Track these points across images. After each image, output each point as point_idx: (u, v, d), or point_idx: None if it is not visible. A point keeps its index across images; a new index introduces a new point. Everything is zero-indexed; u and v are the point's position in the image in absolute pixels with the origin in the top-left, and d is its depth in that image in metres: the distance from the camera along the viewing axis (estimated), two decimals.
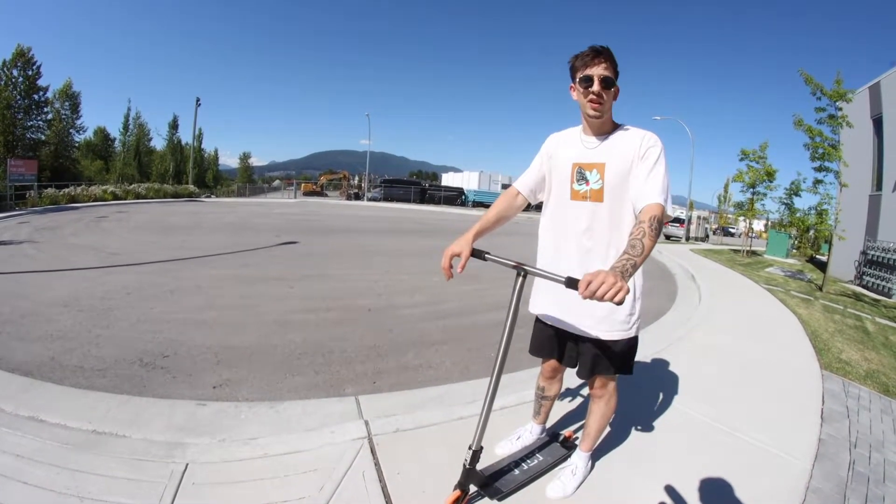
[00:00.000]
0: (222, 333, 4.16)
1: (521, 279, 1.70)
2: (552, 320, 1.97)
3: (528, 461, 2.21)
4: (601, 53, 1.70)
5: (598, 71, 1.69)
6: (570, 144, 1.88)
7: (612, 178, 1.75)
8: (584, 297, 1.29)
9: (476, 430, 1.82)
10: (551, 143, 1.97)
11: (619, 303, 1.26)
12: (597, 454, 2.34)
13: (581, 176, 1.82)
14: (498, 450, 2.31)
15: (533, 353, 2.12)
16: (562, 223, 1.91)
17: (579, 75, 1.73)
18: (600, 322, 1.83)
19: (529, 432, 2.39)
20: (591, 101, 1.72)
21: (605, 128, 1.80)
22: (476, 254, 1.79)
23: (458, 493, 1.87)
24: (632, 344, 1.91)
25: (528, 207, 2.16)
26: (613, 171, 1.74)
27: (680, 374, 3.62)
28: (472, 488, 1.95)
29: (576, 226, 1.84)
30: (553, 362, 2.11)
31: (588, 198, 1.81)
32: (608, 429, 2.64)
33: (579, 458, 2.13)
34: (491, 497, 1.96)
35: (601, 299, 1.26)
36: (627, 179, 1.73)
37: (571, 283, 1.44)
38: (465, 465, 1.85)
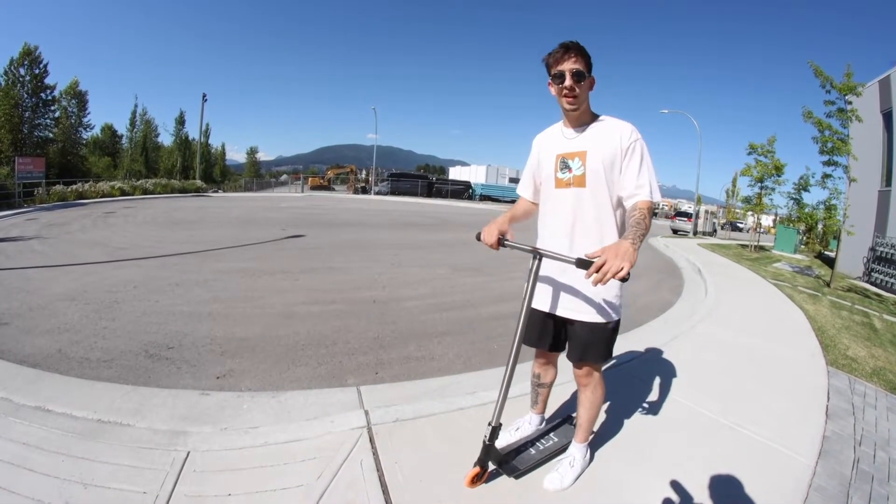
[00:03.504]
0: (227, 325, 4.19)
1: (537, 262, 1.82)
2: (544, 304, 2.00)
3: (544, 441, 2.29)
4: (570, 49, 1.76)
5: (568, 66, 1.76)
6: (553, 139, 1.98)
7: (594, 164, 1.82)
8: (595, 281, 1.42)
9: (496, 407, 1.89)
10: (537, 143, 2.08)
11: (624, 279, 1.41)
12: (598, 446, 2.35)
13: (564, 165, 1.91)
14: (497, 444, 2.32)
15: (524, 342, 2.10)
16: (550, 211, 2.00)
17: (552, 71, 1.80)
18: (590, 305, 1.87)
19: (528, 423, 2.40)
20: (565, 95, 1.81)
21: (584, 118, 1.88)
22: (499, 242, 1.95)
23: (477, 469, 1.95)
24: (616, 327, 1.94)
25: None
26: (595, 158, 1.82)
27: (684, 367, 3.61)
28: (491, 466, 2.01)
29: (562, 212, 1.93)
30: (543, 351, 2.14)
31: (571, 184, 1.89)
32: (607, 420, 2.65)
33: (576, 449, 2.14)
34: (508, 474, 2.03)
35: (610, 278, 1.40)
36: (610, 167, 1.80)
37: (582, 263, 1.54)
38: (484, 442, 1.92)
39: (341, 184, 49.67)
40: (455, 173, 68.60)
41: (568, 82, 1.77)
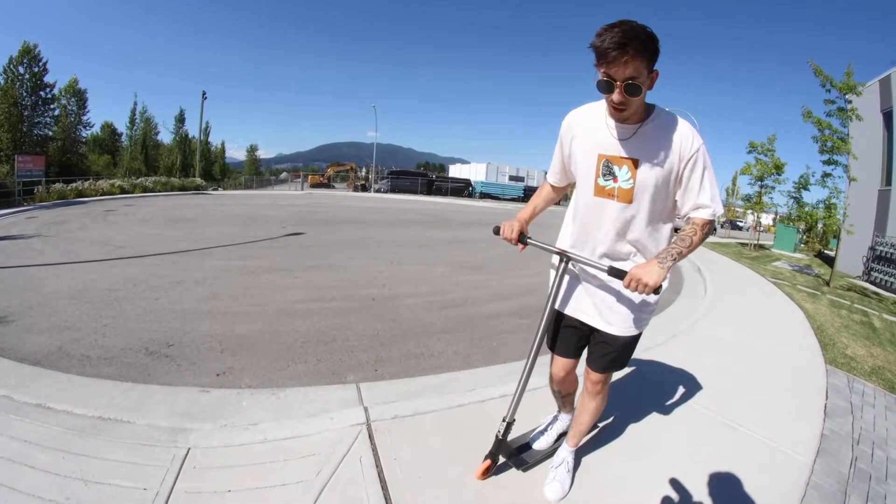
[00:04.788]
0: (227, 323, 4.20)
1: (563, 265, 1.77)
2: (575, 313, 1.86)
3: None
4: (626, 47, 1.33)
5: (620, 73, 1.37)
6: (595, 129, 1.62)
7: (646, 177, 1.54)
8: (626, 286, 1.50)
9: (511, 403, 1.91)
10: (572, 124, 1.71)
11: (655, 291, 1.46)
12: (598, 444, 2.37)
13: (608, 170, 1.59)
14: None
15: (550, 347, 2.03)
16: (585, 220, 1.73)
17: (600, 72, 1.41)
18: (626, 317, 1.75)
19: (560, 420, 2.32)
20: (612, 106, 1.47)
21: (638, 116, 1.54)
22: (519, 237, 1.84)
23: (488, 462, 1.97)
24: (639, 337, 1.87)
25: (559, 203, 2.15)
26: (648, 170, 1.54)
27: (683, 366, 3.61)
28: (501, 459, 2.05)
29: (600, 226, 1.67)
30: (565, 361, 1.98)
31: (615, 196, 1.60)
32: (607, 418, 2.65)
33: (568, 453, 2.07)
34: (517, 467, 2.07)
35: (642, 290, 1.47)
36: (664, 182, 1.55)
37: (614, 272, 1.53)
38: (497, 436, 1.95)
39: (341, 182, 49.62)
40: (455, 171, 68.54)
41: (616, 97, 1.42)
